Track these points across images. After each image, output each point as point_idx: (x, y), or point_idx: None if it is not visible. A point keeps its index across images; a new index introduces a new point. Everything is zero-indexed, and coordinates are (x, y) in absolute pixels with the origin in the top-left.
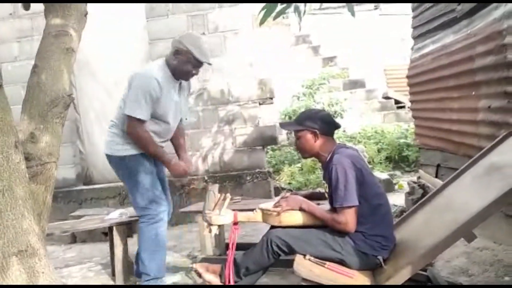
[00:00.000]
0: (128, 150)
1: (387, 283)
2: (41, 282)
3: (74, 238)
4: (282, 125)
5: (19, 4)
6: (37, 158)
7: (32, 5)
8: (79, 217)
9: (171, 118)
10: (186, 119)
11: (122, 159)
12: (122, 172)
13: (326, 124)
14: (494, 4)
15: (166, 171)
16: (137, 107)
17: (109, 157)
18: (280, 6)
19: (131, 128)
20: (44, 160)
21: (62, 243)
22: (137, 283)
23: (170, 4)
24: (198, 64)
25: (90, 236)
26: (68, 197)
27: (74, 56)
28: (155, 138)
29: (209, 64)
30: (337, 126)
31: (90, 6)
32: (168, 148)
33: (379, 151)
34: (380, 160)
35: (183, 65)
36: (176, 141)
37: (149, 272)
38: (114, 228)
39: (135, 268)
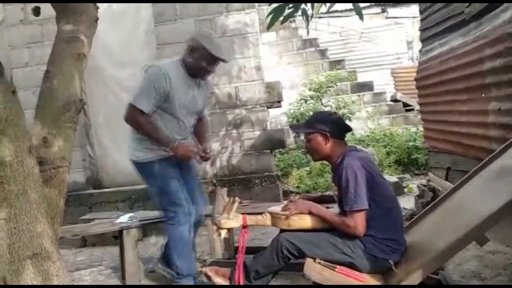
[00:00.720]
0: (149, 156)
1: None
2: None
3: (84, 242)
4: (292, 127)
5: (30, 11)
6: (50, 162)
7: (42, 11)
8: (89, 220)
9: (185, 115)
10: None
11: (144, 165)
12: (145, 177)
13: (337, 127)
14: (503, 7)
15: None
16: (141, 98)
17: (132, 163)
18: (287, 10)
19: (130, 115)
20: (57, 164)
21: (72, 247)
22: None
23: (178, 9)
24: (212, 60)
25: (100, 240)
26: (78, 201)
27: (85, 61)
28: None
29: (224, 61)
30: (348, 129)
31: (99, 12)
32: None
33: (388, 154)
34: (389, 163)
35: (198, 62)
36: (198, 134)
37: (181, 271)
38: (124, 231)
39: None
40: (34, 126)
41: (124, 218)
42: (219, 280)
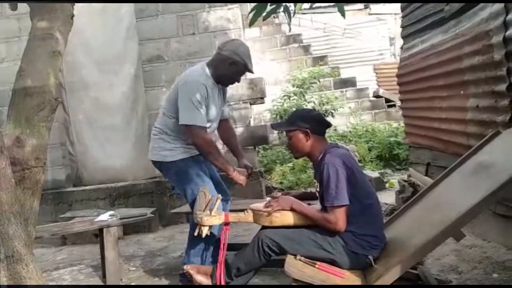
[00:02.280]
0: (177, 155)
1: (378, 282)
2: None
3: (64, 240)
4: (274, 126)
5: (6, 5)
6: (23, 163)
7: (19, 5)
8: (69, 219)
9: (212, 121)
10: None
11: (172, 164)
12: (173, 176)
13: (318, 123)
14: (481, 5)
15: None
16: (196, 115)
17: (158, 163)
18: (269, 7)
19: (195, 137)
20: (30, 165)
21: (52, 246)
22: None
23: (160, 5)
24: (244, 73)
25: (80, 238)
26: (58, 199)
27: (60, 59)
28: None
29: (253, 73)
30: (328, 126)
31: (78, 8)
32: None
33: (370, 149)
34: (371, 158)
35: (235, 75)
36: (229, 141)
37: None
38: (104, 230)
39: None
40: (7, 125)
41: (104, 216)
42: (200, 278)
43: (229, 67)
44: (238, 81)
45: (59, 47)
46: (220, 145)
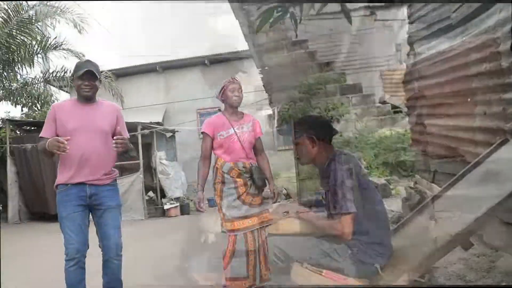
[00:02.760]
0: None
1: None
2: None
3: None
4: (280, 132)
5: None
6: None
7: None
8: None
9: None
10: None
11: None
12: None
13: (324, 130)
14: (488, 12)
15: None
16: None
17: None
18: (276, 14)
19: None
20: None
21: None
22: None
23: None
24: None
25: None
26: None
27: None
28: None
29: None
30: (335, 132)
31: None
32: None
33: (376, 156)
34: (377, 165)
35: None
36: None
37: None
38: None
39: None
40: None
41: None
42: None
43: None
44: None
45: None
46: None
